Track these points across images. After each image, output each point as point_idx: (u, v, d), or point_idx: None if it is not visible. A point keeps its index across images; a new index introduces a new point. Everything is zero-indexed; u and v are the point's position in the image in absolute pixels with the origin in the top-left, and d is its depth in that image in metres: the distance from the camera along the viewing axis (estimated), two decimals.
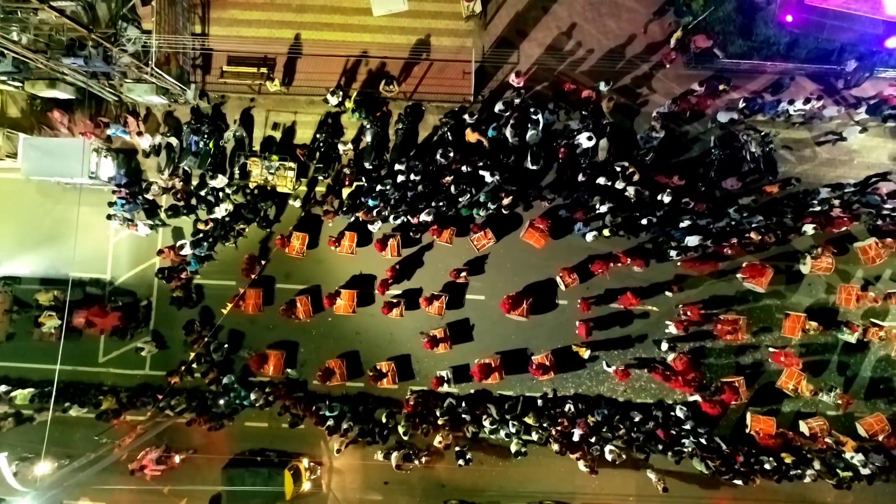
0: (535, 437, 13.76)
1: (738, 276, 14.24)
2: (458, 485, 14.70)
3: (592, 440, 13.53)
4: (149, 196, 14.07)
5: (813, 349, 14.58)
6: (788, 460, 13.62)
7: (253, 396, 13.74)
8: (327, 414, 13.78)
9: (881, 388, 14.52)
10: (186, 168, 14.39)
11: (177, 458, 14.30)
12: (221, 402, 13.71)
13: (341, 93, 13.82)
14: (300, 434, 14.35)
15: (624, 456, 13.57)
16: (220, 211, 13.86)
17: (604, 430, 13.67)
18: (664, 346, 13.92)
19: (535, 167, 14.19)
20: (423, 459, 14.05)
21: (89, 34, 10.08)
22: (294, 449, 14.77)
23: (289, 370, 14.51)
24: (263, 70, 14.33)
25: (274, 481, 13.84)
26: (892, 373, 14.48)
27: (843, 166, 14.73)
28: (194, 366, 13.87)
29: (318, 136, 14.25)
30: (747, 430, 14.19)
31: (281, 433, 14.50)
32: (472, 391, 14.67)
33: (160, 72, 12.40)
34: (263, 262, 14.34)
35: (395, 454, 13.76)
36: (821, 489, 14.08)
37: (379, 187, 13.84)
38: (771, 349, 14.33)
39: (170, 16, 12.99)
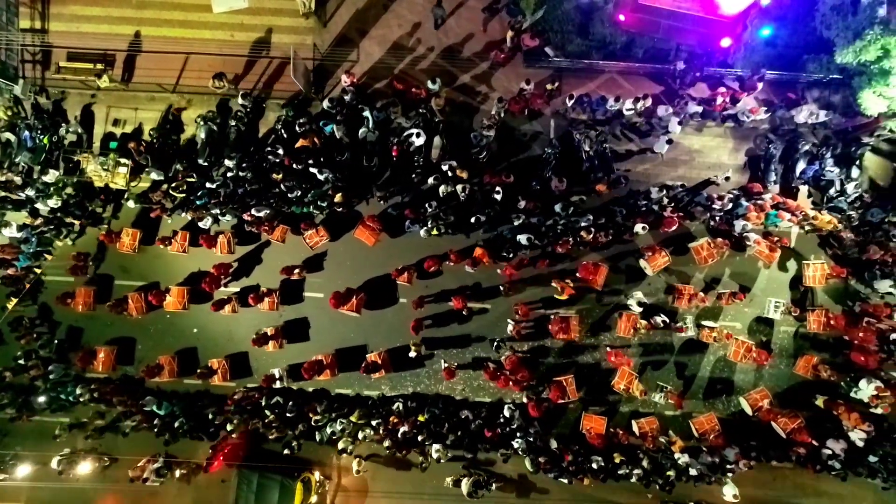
0: (360, 436, 13.75)
1: (577, 275, 14.23)
2: None
3: (420, 439, 13.53)
4: None
5: (652, 349, 14.60)
6: (618, 460, 13.63)
7: (78, 391, 13.67)
8: (155, 410, 13.73)
9: (719, 388, 14.55)
10: (23, 164, 14.31)
11: (177, 473, 13.91)
12: (41, 398, 13.61)
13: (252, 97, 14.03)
14: (314, 445, 14.24)
15: (450, 454, 13.63)
16: (49, 206, 13.80)
17: (431, 427, 13.66)
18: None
19: (369, 165, 14.16)
20: (494, 486, 13.73)
21: None
22: (309, 457, 14.51)
23: (126, 368, 14.45)
24: (100, 66, 14.29)
25: (285, 489, 13.53)
26: (728, 373, 14.50)
27: (683, 166, 14.74)
28: (20, 361, 13.80)
29: (152, 132, 14.20)
30: (580, 429, 14.19)
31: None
32: (310, 389, 14.65)
33: None
34: (91, 261, 14.34)
35: (465, 481, 13.39)
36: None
37: (208, 184, 13.79)
38: (608, 348, 14.33)
39: None
